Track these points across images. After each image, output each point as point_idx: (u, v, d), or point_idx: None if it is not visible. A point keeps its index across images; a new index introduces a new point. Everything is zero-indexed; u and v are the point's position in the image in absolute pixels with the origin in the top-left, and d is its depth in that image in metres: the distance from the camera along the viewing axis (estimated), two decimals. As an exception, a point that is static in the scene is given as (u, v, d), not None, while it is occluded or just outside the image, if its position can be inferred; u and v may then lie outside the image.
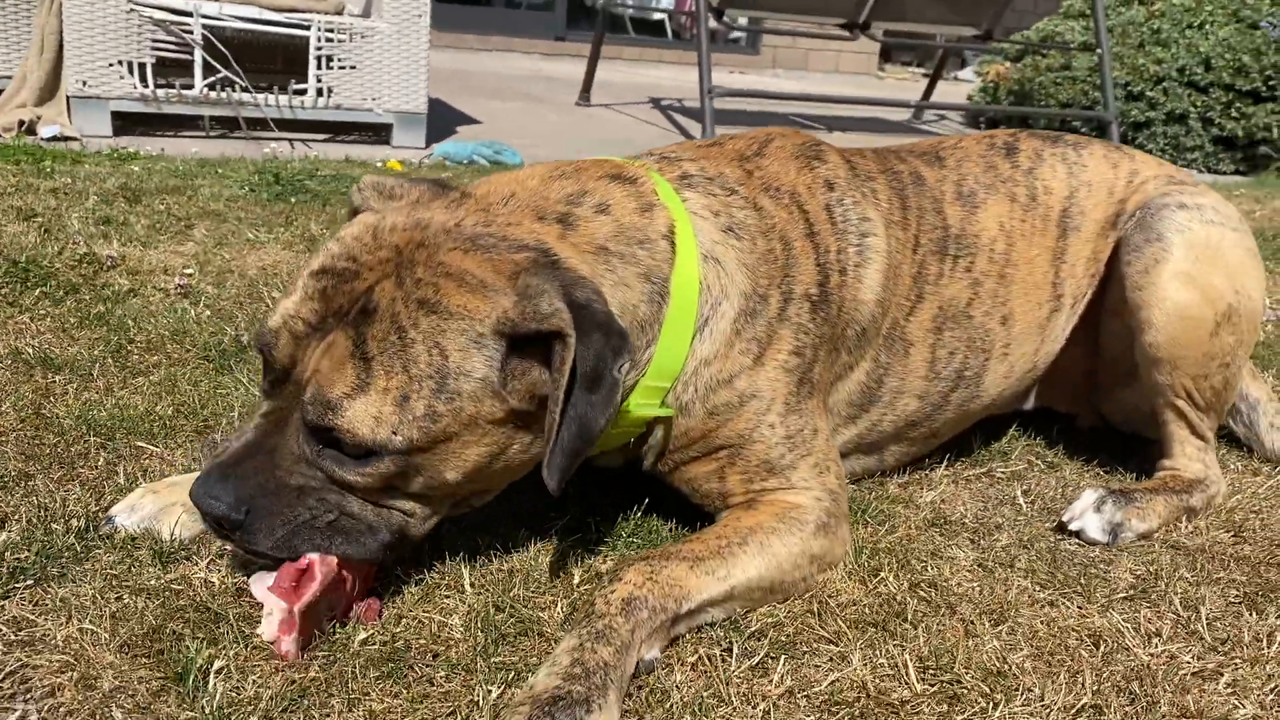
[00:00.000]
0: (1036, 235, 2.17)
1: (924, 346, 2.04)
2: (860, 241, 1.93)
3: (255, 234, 3.54)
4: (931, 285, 2.05)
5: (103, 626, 1.45)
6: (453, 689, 1.40)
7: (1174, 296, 2.04)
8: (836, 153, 2.03)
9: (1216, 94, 7.23)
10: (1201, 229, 2.08)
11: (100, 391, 2.23)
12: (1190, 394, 2.10)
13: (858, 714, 1.42)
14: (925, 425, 2.12)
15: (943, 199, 2.12)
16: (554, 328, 1.44)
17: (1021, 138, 2.28)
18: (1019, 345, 2.16)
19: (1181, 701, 1.50)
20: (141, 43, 5.11)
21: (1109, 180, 2.23)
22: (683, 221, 1.73)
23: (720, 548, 1.63)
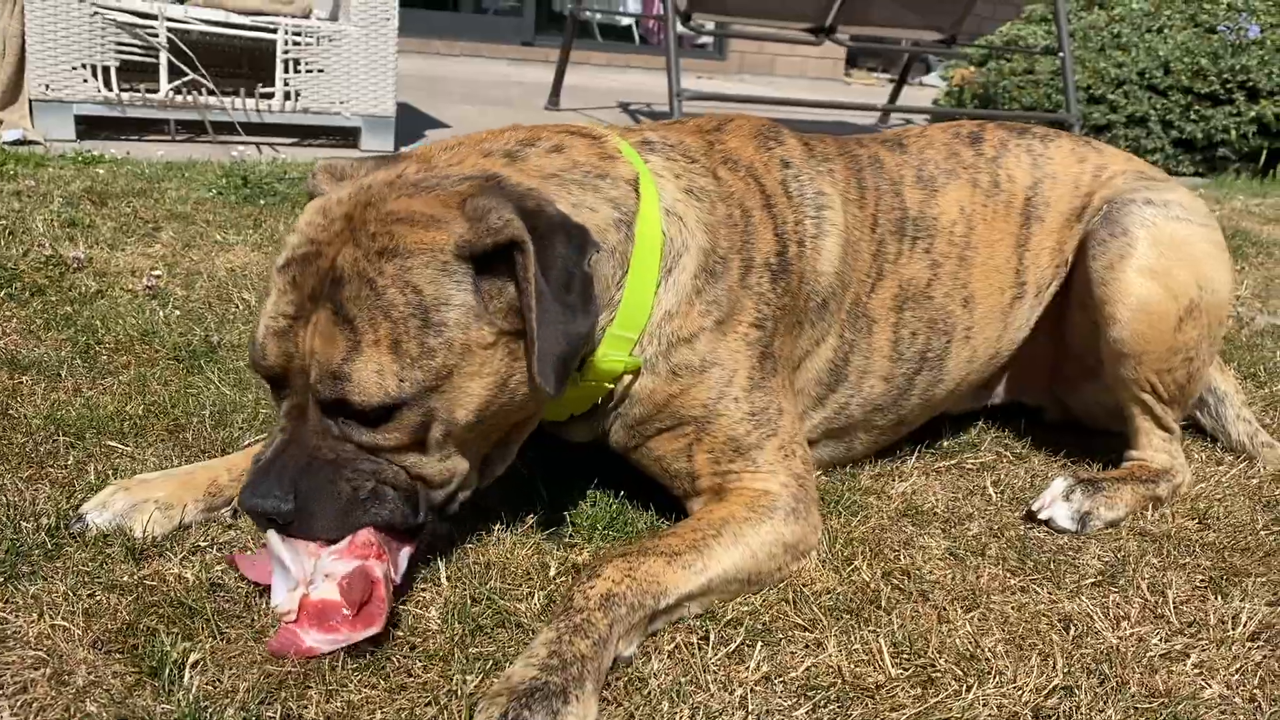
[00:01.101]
0: (998, 220, 2.19)
1: (887, 325, 2.07)
2: (817, 214, 1.97)
3: (224, 235, 3.51)
4: (891, 264, 2.08)
5: (75, 623, 1.44)
6: (430, 679, 1.40)
7: (1138, 291, 2.07)
8: (793, 135, 2.08)
9: (1176, 97, 7.34)
10: (1167, 224, 2.11)
11: (69, 392, 2.21)
12: (1155, 387, 2.13)
13: (834, 698, 1.43)
14: (892, 411, 2.14)
15: (901, 182, 2.15)
16: (509, 238, 1.47)
17: (988, 128, 2.31)
18: (981, 329, 2.18)
19: (1150, 682, 1.53)
20: (105, 46, 5.06)
21: (1074, 174, 2.26)
22: (645, 176, 1.77)
23: (696, 541, 1.64)
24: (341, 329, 1.46)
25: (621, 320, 1.71)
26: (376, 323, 1.46)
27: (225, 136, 5.37)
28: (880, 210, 2.09)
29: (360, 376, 1.44)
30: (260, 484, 1.48)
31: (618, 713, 1.37)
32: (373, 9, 5.51)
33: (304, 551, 1.47)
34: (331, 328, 1.47)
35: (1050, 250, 2.23)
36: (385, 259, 1.47)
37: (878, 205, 2.09)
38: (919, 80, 12.51)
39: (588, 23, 12.11)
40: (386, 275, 1.47)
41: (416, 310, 1.47)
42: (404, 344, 1.46)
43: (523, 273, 1.48)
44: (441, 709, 1.34)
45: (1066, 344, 2.31)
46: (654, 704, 1.39)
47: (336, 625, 1.39)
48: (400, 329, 1.46)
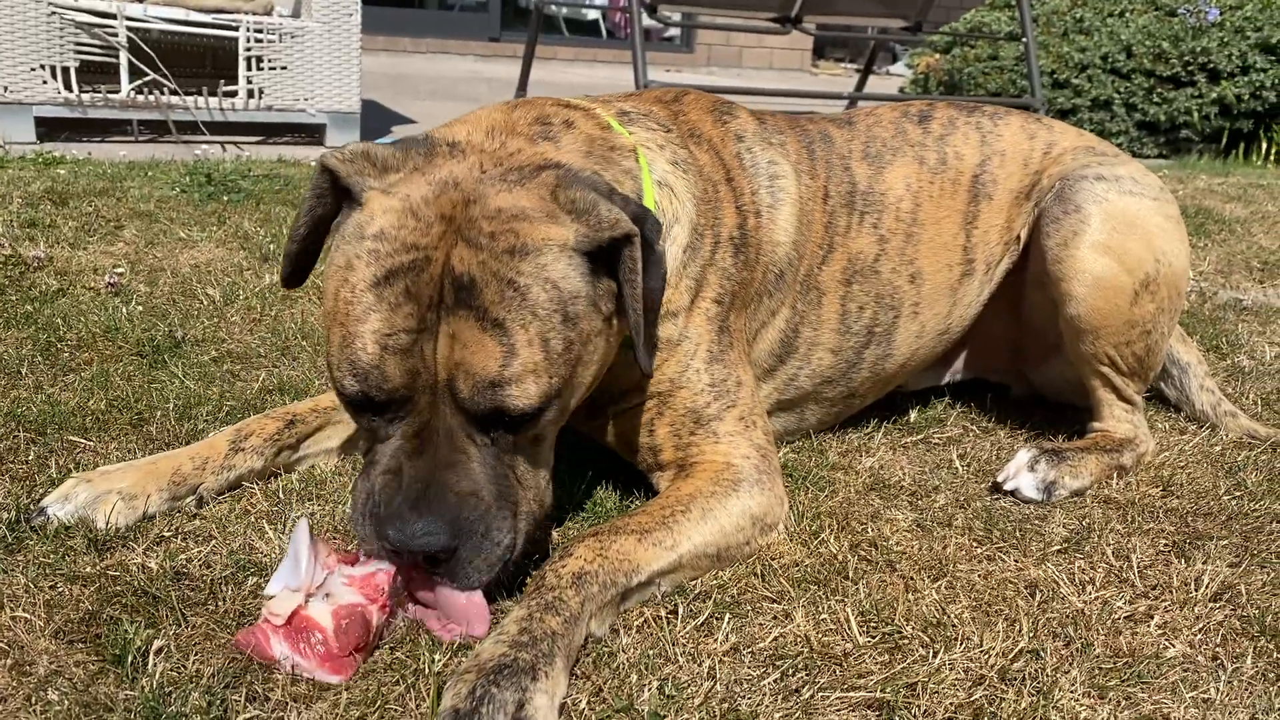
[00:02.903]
0: (945, 198, 2.20)
1: (835, 298, 2.09)
2: (771, 184, 2.00)
3: (188, 233, 3.48)
4: (841, 237, 2.10)
5: (36, 614, 1.43)
6: (397, 659, 1.39)
7: (1091, 268, 2.08)
8: (745, 110, 2.11)
9: (1138, 80, 7.40)
10: (1119, 199, 2.12)
11: (29, 389, 2.18)
12: (1114, 361, 2.14)
13: (801, 666, 1.44)
14: (841, 384, 2.15)
15: (850, 156, 2.17)
16: (622, 232, 1.48)
17: (938, 106, 2.32)
18: (929, 305, 2.19)
19: (1115, 643, 1.55)
20: (64, 46, 5.01)
21: (1024, 150, 2.27)
22: (639, 149, 1.79)
23: (665, 518, 1.64)
24: (490, 334, 1.40)
25: None
26: (527, 323, 1.41)
27: (189, 136, 5.33)
28: (831, 183, 2.11)
29: (520, 380, 1.41)
30: (417, 520, 1.40)
31: (586, 686, 1.37)
32: (335, 5, 5.47)
33: (322, 558, 1.45)
34: (479, 335, 1.40)
35: (1000, 228, 2.23)
36: (518, 257, 1.43)
37: (829, 178, 2.11)
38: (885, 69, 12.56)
39: (553, 18, 12.08)
40: (525, 274, 1.42)
41: (558, 306, 1.45)
42: (552, 341, 1.44)
43: (630, 265, 1.48)
44: (408, 688, 1.33)
45: (1026, 322, 2.32)
46: (623, 677, 1.39)
47: (308, 651, 1.34)
48: (547, 326, 1.43)
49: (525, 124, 1.68)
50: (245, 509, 1.77)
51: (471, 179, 1.50)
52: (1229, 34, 7.29)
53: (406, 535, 1.40)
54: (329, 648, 1.35)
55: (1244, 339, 3.05)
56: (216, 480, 1.79)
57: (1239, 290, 3.65)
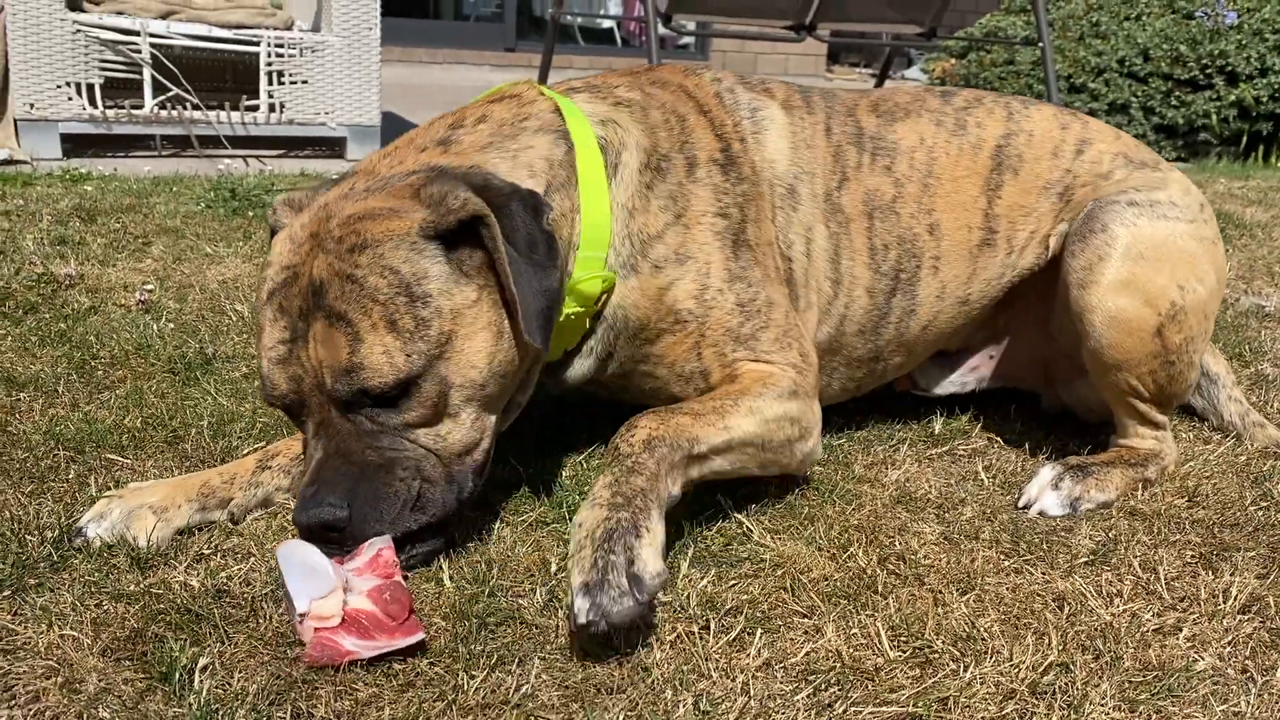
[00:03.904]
0: (964, 158, 2.19)
1: (861, 229, 2.12)
2: (753, 115, 2.08)
3: (214, 249, 3.53)
4: (854, 169, 2.13)
5: (84, 632, 1.46)
6: (436, 674, 1.42)
7: (1109, 305, 2.03)
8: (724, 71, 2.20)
9: (1156, 83, 7.40)
10: (1149, 225, 2.07)
11: (66, 407, 2.22)
12: (1138, 391, 2.11)
13: (834, 681, 1.46)
14: (870, 338, 2.18)
15: (856, 108, 2.21)
16: (471, 213, 1.58)
17: (969, 90, 2.33)
18: (949, 264, 2.18)
19: (1144, 656, 1.56)
20: (89, 63, 5.08)
21: (1055, 138, 2.23)
22: (566, 104, 1.89)
23: (716, 407, 1.78)
24: (338, 328, 1.53)
25: (587, 239, 1.81)
26: (368, 309, 1.53)
27: (211, 151, 5.38)
28: (833, 121, 2.16)
29: (370, 361, 1.52)
30: (312, 499, 1.53)
31: (620, 701, 1.39)
32: (355, 18, 5.52)
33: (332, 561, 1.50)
34: (329, 332, 1.53)
35: (1025, 212, 2.20)
36: (357, 253, 1.56)
37: (829, 117, 2.16)
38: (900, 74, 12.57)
39: (569, 27, 12.13)
40: (363, 266, 1.55)
41: (400, 289, 1.55)
42: (399, 321, 1.54)
43: (491, 244, 1.58)
44: (449, 704, 1.36)
45: (1054, 342, 2.31)
46: (657, 692, 1.41)
47: (373, 633, 1.42)
48: (391, 308, 1.54)
49: (432, 133, 1.84)
50: (282, 525, 1.79)
51: (337, 197, 1.68)
52: (1247, 36, 7.27)
53: (302, 515, 1.54)
54: (390, 620, 1.43)
55: (1266, 346, 3.05)
56: (245, 496, 1.82)
57: (1261, 296, 3.64)
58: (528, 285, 1.60)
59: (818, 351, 2.11)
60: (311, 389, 1.58)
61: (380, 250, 1.56)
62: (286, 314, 1.58)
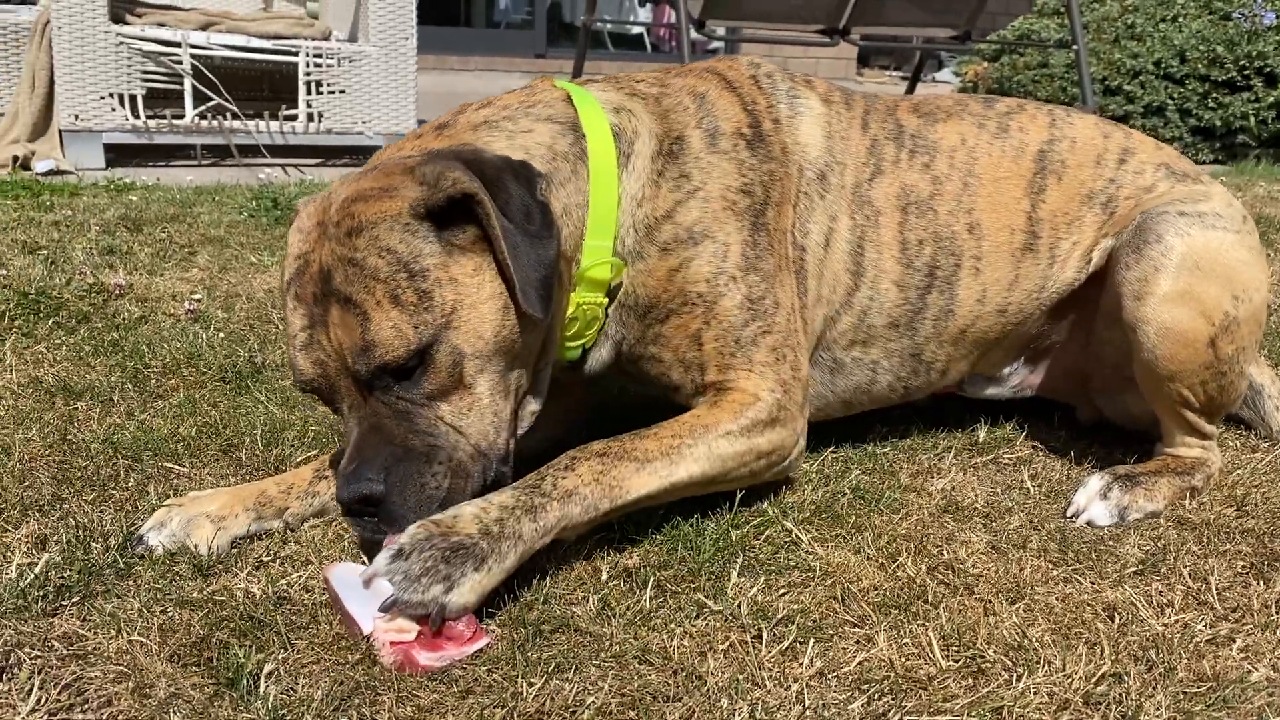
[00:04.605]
0: (1006, 160, 2.18)
1: (892, 222, 2.11)
2: (791, 101, 2.09)
3: (258, 258, 3.58)
4: (890, 164, 2.13)
5: (151, 638, 1.49)
6: (495, 682, 1.44)
7: (1164, 317, 2.02)
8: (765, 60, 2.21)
9: (1193, 85, 7.34)
10: (1200, 235, 2.06)
11: (122, 415, 2.27)
12: (1188, 401, 2.10)
13: (887, 691, 1.47)
14: (907, 333, 2.15)
15: (897, 108, 2.21)
16: (461, 191, 1.60)
17: (1010, 98, 2.32)
18: (990, 266, 2.16)
19: (1198, 667, 1.56)
20: (131, 74, 5.16)
21: (1097, 146, 2.23)
22: (576, 91, 1.92)
23: (671, 449, 1.79)
24: (349, 311, 1.58)
25: (594, 227, 1.84)
26: (371, 289, 1.58)
27: (250, 160, 5.46)
28: (871, 118, 2.16)
29: (381, 337, 1.57)
30: (352, 474, 1.58)
31: (677, 709, 1.41)
32: (392, 28, 5.59)
33: None
34: (343, 315, 1.59)
35: (1068, 219, 2.19)
36: (355, 236, 1.60)
37: (868, 114, 2.17)
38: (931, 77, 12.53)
39: (599, 33, 12.18)
40: (360, 249, 1.59)
41: (398, 266, 1.59)
42: (402, 296, 1.58)
43: (485, 219, 1.61)
44: (509, 711, 1.38)
45: (1097, 356, 2.29)
46: (713, 701, 1.43)
47: (441, 644, 1.46)
48: (393, 285, 1.58)
49: (435, 123, 1.88)
50: (337, 533, 1.83)
51: (340, 184, 1.72)
52: (1285, 38, 7.20)
53: (343, 492, 1.58)
54: (457, 631, 1.49)
55: (1312, 353, 3.03)
56: (301, 505, 1.85)
57: (1304, 302, 3.61)
58: (524, 256, 1.62)
59: (841, 343, 2.13)
60: (338, 372, 1.62)
61: (375, 232, 1.60)
62: (303, 302, 1.63)
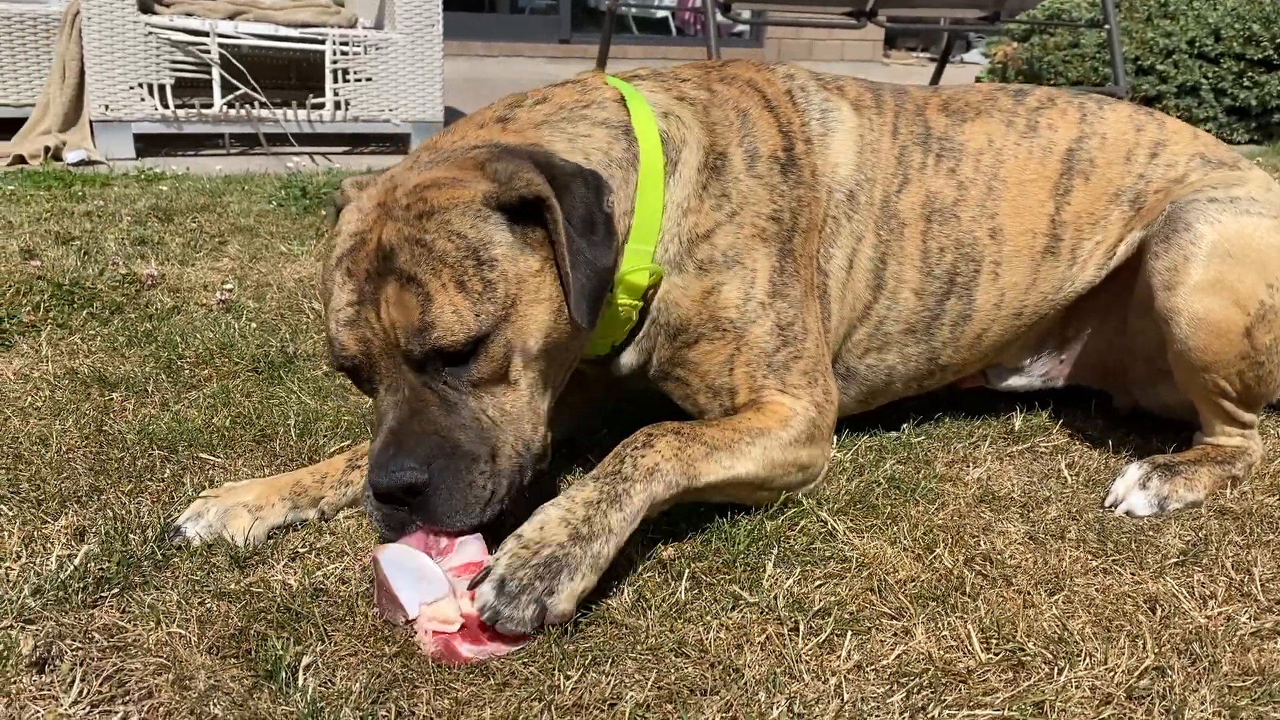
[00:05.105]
0: (1033, 161, 2.16)
1: (916, 232, 2.09)
2: (823, 116, 2.07)
3: (288, 247, 3.59)
4: (916, 172, 2.11)
5: (190, 630, 1.50)
6: (532, 674, 1.44)
7: (1196, 307, 1.99)
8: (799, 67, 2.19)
9: (1228, 64, 7.21)
10: (1233, 222, 2.01)
11: (157, 406, 2.28)
12: (1226, 391, 2.06)
13: (926, 684, 1.46)
14: (923, 338, 2.15)
15: (926, 106, 2.19)
16: (535, 193, 1.61)
17: (1041, 89, 2.29)
18: (1009, 270, 2.14)
19: (1243, 660, 1.53)
20: (160, 64, 5.18)
21: (1128, 142, 2.19)
22: (629, 92, 1.91)
23: (733, 441, 1.79)
24: (410, 290, 1.56)
25: (637, 233, 1.83)
26: (438, 271, 1.57)
27: (278, 148, 5.47)
28: (901, 121, 2.14)
29: (442, 320, 1.55)
30: (391, 461, 1.55)
31: (714, 702, 1.41)
32: (418, 15, 5.58)
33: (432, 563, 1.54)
34: (401, 293, 1.57)
35: (1093, 219, 2.16)
36: (424, 219, 1.60)
37: (898, 117, 2.15)
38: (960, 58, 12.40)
39: (624, 17, 12.12)
40: (431, 230, 1.59)
41: (467, 252, 1.59)
42: (468, 282, 1.57)
43: (553, 225, 1.61)
44: (546, 705, 1.38)
45: (1130, 347, 2.26)
46: (751, 694, 1.42)
47: (484, 639, 1.46)
48: (459, 270, 1.58)
49: (491, 111, 1.88)
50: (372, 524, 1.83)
51: (403, 170, 1.72)
52: (1323, 15, 7.07)
53: (383, 477, 1.56)
54: None
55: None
56: (336, 495, 1.86)
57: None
58: (583, 268, 1.62)
59: (856, 352, 2.13)
60: (382, 351, 1.59)
61: (447, 216, 1.59)
62: (354, 277, 1.60)
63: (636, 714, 1.37)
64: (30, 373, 2.43)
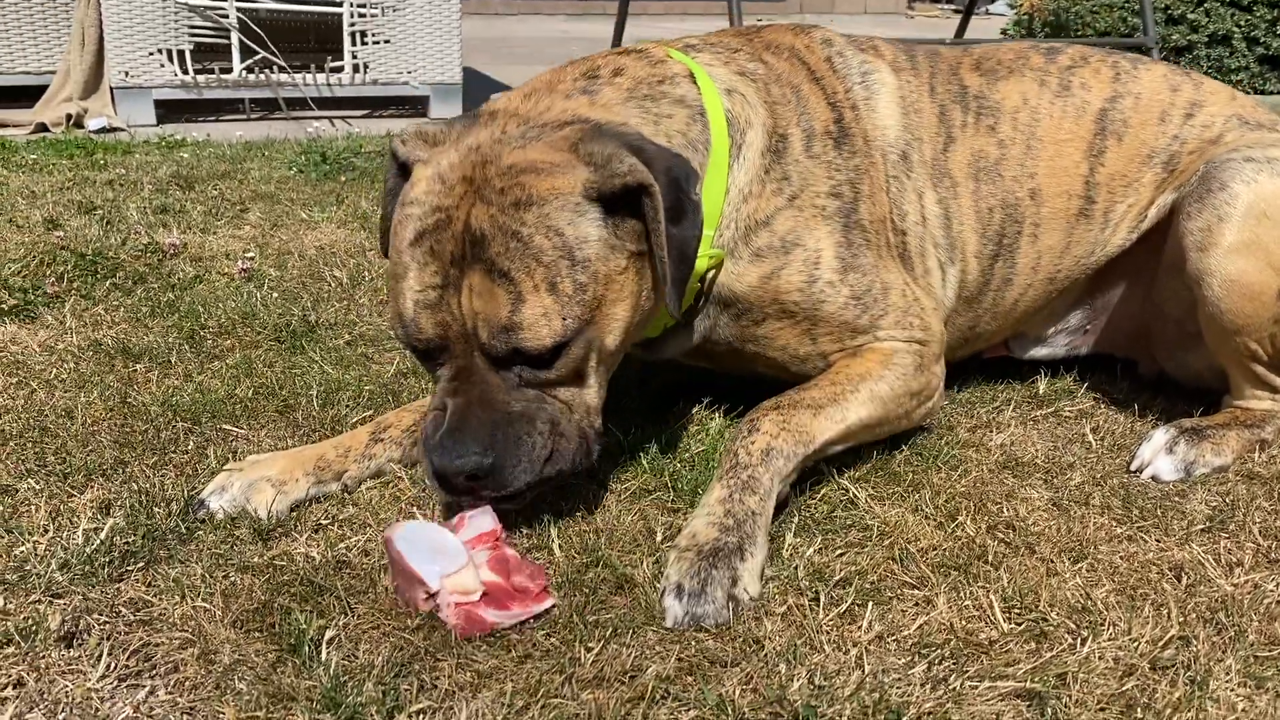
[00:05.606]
0: (1067, 121, 2.13)
1: (968, 192, 2.08)
2: (864, 79, 2.05)
3: (309, 214, 3.59)
4: (959, 130, 2.10)
5: (215, 604, 1.51)
6: (553, 646, 1.45)
7: (1229, 269, 1.95)
8: (832, 29, 2.17)
9: (1260, 12, 7.05)
10: (1270, 183, 1.96)
11: (180, 377, 2.29)
12: (1256, 355, 2.04)
13: (948, 655, 1.45)
14: (973, 307, 2.16)
15: (960, 66, 2.17)
16: (636, 181, 1.57)
17: (1074, 47, 2.25)
18: (1046, 232, 2.13)
19: (1270, 630, 1.52)
20: (179, 30, 5.17)
21: (1163, 101, 2.15)
22: (696, 68, 1.88)
23: (836, 395, 1.84)
24: (499, 284, 1.53)
25: None
26: (531, 270, 1.53)
27: (298, 112, 5.46)
28: (936, 81, 2.12)
29: (530, 323, 1.53)
30: (455, 447, 1.55)
31: (736, 674, 1.41)
32: (435, -24, 5.52)
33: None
34: (489, 285, 1.53)
35: (1125, 181, 2.13)
36: (523, 209, 1.54)
37: (933, 76, 2.13)
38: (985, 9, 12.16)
39: (644, -28, 11.97)
40: (529, 224, 1.54)
41: (563, 252, 1.55)
42: (560, 284, 1.54)
43: (652, 214, 1.57)
44: (568, 678, 1.38)
45: (1160, 310, 2.22)
46: (772, 666, 1.42)
47: (508, 603, 1.48)
48: (553, 271, 1.54)
49: (569, 80, 1.82)
50: (394, 495, 1.84)
51: (491, 141, 1.63)
52: (1362, -40, 6.88)
53: (447, 460, 1.56)
54: (522, 590, 1.51)
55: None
56: (359, 468, 1.87)
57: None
58: (673, 250, 1.58)
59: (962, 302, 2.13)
60: (459, 336, 1.57)
61: (546, 210, 1.55)
62: (438, 258, 1.55)
63: (657, 686, 1.37)
64: (55, 344, 2.45)
